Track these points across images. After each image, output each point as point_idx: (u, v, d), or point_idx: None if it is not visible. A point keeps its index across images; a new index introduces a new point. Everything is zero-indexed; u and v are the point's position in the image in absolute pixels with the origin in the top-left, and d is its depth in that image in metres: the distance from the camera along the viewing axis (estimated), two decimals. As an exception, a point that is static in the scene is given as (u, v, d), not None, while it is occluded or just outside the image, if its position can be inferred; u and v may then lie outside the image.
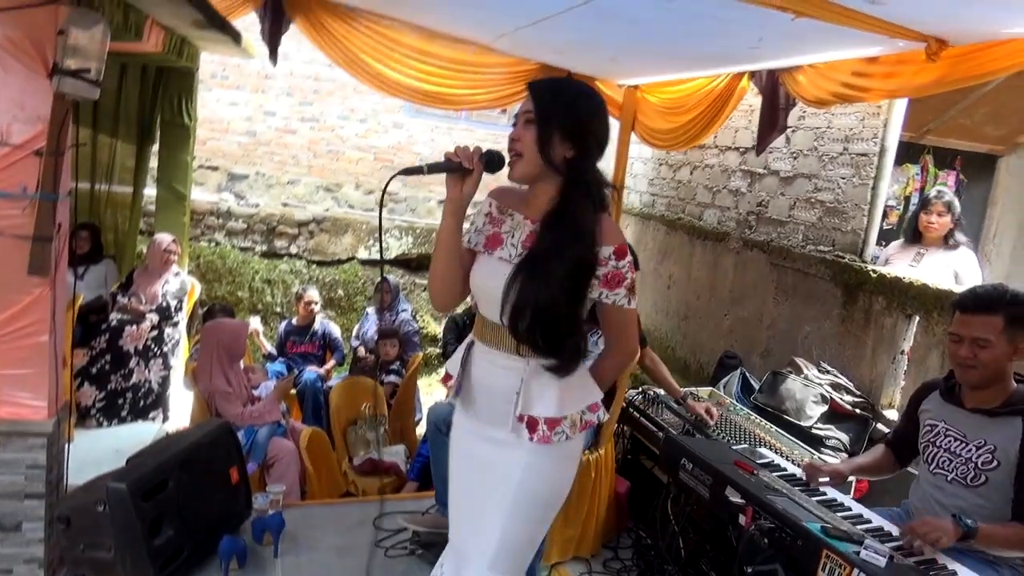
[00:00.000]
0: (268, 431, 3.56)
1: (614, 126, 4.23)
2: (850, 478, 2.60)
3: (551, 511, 1.81)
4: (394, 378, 4.61)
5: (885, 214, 4.31)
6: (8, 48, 2.28)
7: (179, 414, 4.34)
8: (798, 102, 3.27)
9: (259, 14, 3.63)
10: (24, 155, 2.33)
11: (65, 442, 2.61)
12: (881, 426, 3.40)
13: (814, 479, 2.39)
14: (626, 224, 6.78)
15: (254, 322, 5.21)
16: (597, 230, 1.65)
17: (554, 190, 1.70)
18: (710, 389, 3.80)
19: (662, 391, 3.49)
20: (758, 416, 3.43)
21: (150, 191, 5.33)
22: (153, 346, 4.31)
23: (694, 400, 3.35)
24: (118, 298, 4.35)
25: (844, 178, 4.05)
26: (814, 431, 3.34)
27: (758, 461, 2.51)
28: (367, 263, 7.54)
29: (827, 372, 3.68)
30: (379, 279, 6.36)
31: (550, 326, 1.63)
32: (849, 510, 2.22)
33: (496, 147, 1.73)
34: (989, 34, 2.24)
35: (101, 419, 4.12)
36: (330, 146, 7.71)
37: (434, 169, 1.70)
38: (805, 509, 2.12)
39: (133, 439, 3.74)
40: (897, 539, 2.03)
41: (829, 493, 2.35)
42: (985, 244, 5.04)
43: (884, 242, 4.19)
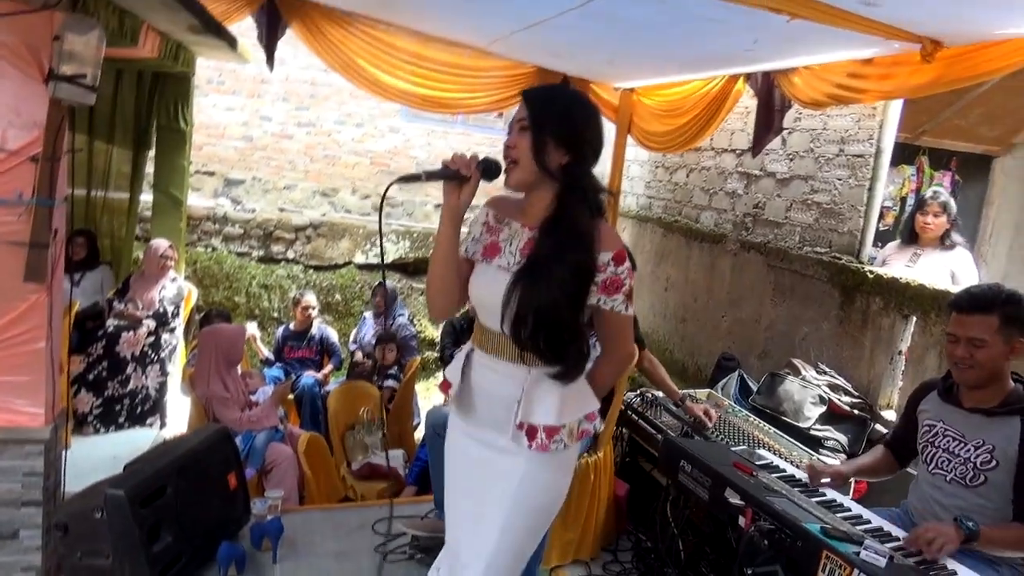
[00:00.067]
0: (266, 436, 3.55)
1: (610, 129, 4.24)
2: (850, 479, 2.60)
3: (547, 518, 1.82)
4: (392, 382, 4.60)
5: (881, 215, 4.32)
6: (4, 54, 2.28)
7: (176, 420, 4.33)
8: (794, 104, 3.28)
9: (255, 19, 3.64)
10: (20, 161, 2.33)
11: (62, 449, 2.60)
12: (879, 427, 3.39)
13: (816, 480, 2.39)
14: (623, 227, 6.79)
15: (251, 327, 5.18)
16: (595, 235, 1.65)
17: (550, 197, 1.70)
18: (708, 391, 3.80)
19: (660, 393, 3.50)
20: (756, 417, 3.43)
21: (146, 197, 5.33)
22: (150, 352, 4.30)
23: (692, 402, 3.35)
24: (115, 304, 4.35)
25: (840, 179, 4.06)
26: (812, 432, 3.33)
27: (757, 462, 2.50)
28: (364, 268, 7.54)
29: (825, 373, 3.68)
30: (377, 283, 6.35)
31: (552, 331, 1.62)
32: (848, 511, 2.22)
33: (492, 151, 1.73)
34: (984, 35, 2.26)
35: (98, 425, 4.11)
36: (326, 151, 7.70)
37: (432, 177, 1.71)
38: (804, 510, 2.12)
39: (130, 445, 3.74)
40: (897, 539, 2.03)
41: (828, 494, 2.35)
42: (981, 244, 5.05)
43: (880, 243, 4.20)
